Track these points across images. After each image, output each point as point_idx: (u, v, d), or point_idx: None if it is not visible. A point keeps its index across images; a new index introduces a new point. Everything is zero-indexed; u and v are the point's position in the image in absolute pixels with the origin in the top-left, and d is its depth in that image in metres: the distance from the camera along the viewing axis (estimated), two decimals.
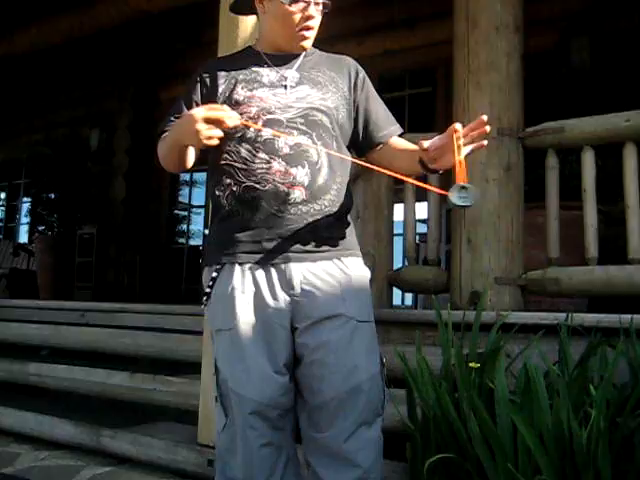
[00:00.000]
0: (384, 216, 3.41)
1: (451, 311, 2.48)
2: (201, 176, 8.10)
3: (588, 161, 3.00)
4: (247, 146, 1.83)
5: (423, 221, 4.74)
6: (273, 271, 1.80)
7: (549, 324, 2.54)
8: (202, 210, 8.10)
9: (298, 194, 1.79)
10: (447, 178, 1.83)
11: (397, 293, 5.34)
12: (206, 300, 1.88)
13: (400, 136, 1.99)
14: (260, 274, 1.81)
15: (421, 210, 3.86)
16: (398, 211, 3.67)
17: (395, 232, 3.65)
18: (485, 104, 3.10)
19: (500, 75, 3.12)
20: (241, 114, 1.83)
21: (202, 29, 6.91)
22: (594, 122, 3.00)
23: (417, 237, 3.94)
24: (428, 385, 2.19)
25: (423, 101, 5.95)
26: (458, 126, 1.62)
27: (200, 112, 1.66)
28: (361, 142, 1.98)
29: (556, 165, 3.12)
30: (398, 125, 2.00)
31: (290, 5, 1.83)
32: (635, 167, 2.89)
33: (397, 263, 3.88)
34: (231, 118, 1.68)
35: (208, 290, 1.87)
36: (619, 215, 3.15)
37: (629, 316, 2.40)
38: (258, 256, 1.81)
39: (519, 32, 3.19)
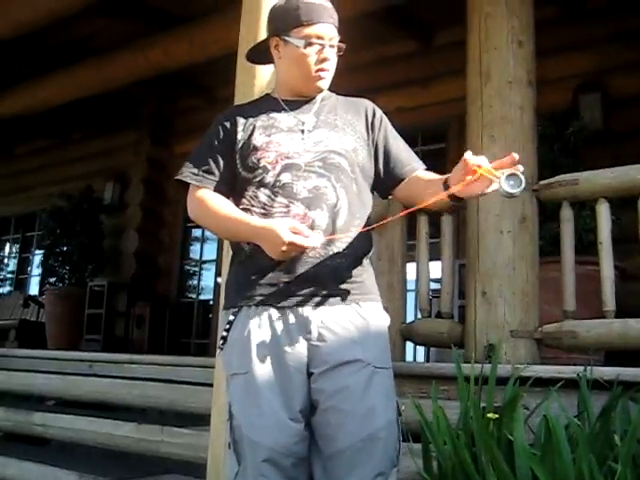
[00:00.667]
0: (397, 268, 3.40)
1: (467, 364, 2.44)
2: None
3: (603, 213, 2.98)
4: (266, 191, 1.83)
5: (435, 280, 4.73)
6: (290, 315, 1.78)
7: (567, 377, 2.49)
8: (213, 266, 8.09)
9: None
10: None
11: (409, 350, 5.29)
12: (222, 344, 1.86)
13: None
14: (277, 318, 1.78)
15: (433, 269, 3.84)
16: (410, 269, 3.66)
17: (407, 288, 3.63)
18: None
19: (514, 128, 3.15)
20: (259, 159, 1.85)
21: (217, 86, 7.06)
22: (609, 175, 3.00)
23: (430, 293, 3.92)
24: (445, 436, 2.14)
25: (436, 157, 6.01)
26: (467, 156, 1.64)
27: (286, 235, 1.67)
28: (384, 180, 1.96)
29: (571, 218, 3.11)
30: (421, 162, 1.98)
31: (305, 48, 1.85)
32: None
33: (409, 319, 3.83)
34: (313, 244, 1.71)
35: (225, 334, 1.84)
36: (634, 271, 3.13)
37: None
38: (275, 299, 1.79)
39: (532, 86, 3.23)
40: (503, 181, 1.60)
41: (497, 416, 2.08)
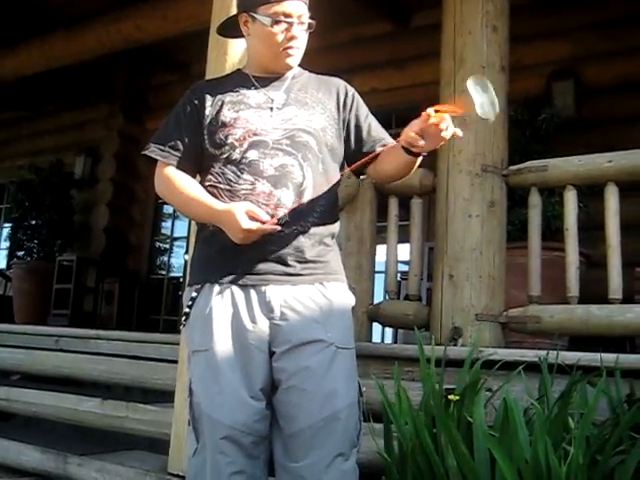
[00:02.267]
0: (366, 249, 3.40)
1: (432, 346, 2.46)
2: None
3: (570, 200, 3.02)
4: (232, 167, 1.82)
5: (405, 262, 4.75)
6: (253, 293, 1.78)
7: (529, 361, 2.52)
8: (184, 243, 8.04)
9: (280, 215, 1.77)
10: None
11: (377, 332, 5.32)
12: (185, 320, 1.86)
13: None
14: (239, 295, 1.78)
15: (402, 252, 3.85)
16: (380, 251, 3.67)
17: (377, 270, 3.64)
18: (470, 141, 3.12)
19: None
20: (227, 136, 1.83)
21: (193, 61, 6.97)
22: (577, 162, 3.03)
23: (399, 275, 3.93)
24: (407, 417, 2.16)
25: None
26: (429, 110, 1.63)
27: (244, 222, 1.69)
28: (356, 158, 1.92)
29: (539, 203, 3.14)
30: (391, 138, 1.96)
31: (272, 27, 1.83)
32: (616, 207, 2.91)
33: (378, 300, 3.85)
34: (269, 229, 1.71)
35: (187, 310, 1.84)
36: (600, 259, 3.17)
37: (610, 355, 2.40)
38: (238, 277, 1.79)
39: (504, 72, 3.23)
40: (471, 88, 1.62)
41: (457, 398, 2.10)
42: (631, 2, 4.96)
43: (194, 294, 1.82)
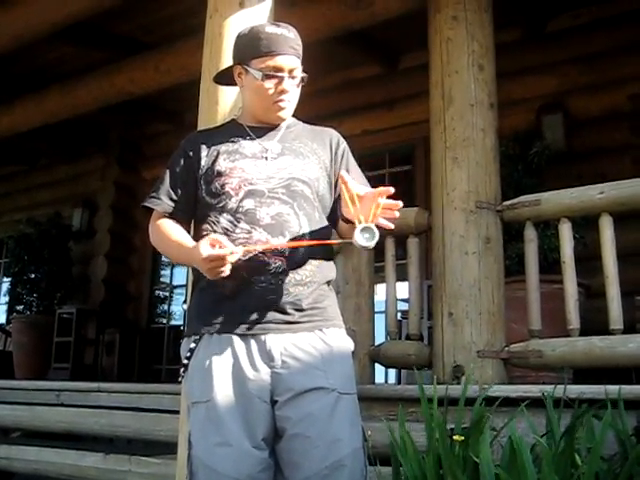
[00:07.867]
0: (365, 291, 3.40)
1: (433, 385, 2.44)
2: None
3: (566, 233, 3.03)
4: (228, 216, 1.83)
5: (404, 300, 4.74)
6: (252, 342, 1.77)
7: (533, 397, 2.50)
8: (183, 291, 8.02)
9: (279, 264, 1.78)
10: None
11: (380, 372, 5.28)
12: (184, 372, 1.84)
13: None
14: (239, 345, 1.77)
15: (401, 290, 3.85)
16: (379, 289, 3.66)
17: (377, 310, 3.63)
18: (463, 178, 3.15)
19: (476, 150, 3.19)
20: (223, 185, 1.85)
21: (185, 110, 7.06)
22: (569, 195, 3.05)
23: (399, 314, 3.92)
24: (413, 460, 2.13)
25: (403, 179, 6.05)
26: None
27: (205, 249, 1.65)
28: (338, 213, 1.91)
29: (534, 237, 3.15)
30: None
31: (263, 80, 1.86)
32: (611, 237, 2.92)
33: (380, 340, 3.83)
34: (233, 255, 1.67)
35: (186, 361, 1.83)
36: (599, 288, 3.17)
37: (614, 387, 2.38)
38: (237, 327, 1.78)
39: (493, 109, 3.28)
40: (357, 234, 1.64)
41: (462, 438, 2.08)
42: (612, 36, 5.07)
43: (192, 345, 1.81)
